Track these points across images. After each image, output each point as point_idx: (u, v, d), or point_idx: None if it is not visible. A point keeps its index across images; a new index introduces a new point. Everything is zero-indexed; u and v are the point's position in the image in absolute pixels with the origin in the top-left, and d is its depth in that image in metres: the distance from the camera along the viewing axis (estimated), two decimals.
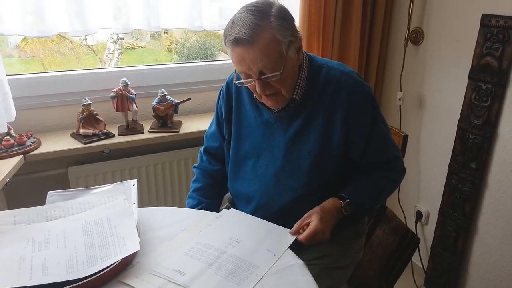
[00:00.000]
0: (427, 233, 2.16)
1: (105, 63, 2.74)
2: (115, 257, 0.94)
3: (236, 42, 1.04)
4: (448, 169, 1.92)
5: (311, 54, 1.23)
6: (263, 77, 1.08)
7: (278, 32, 1.04)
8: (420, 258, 2.17)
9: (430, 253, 2.10)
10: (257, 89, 1.10)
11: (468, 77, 1.76)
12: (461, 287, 2.00)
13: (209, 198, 1.37)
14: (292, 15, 1.12)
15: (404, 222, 1.68)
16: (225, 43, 1.09)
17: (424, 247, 2.17)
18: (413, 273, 2.18)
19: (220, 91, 1.35)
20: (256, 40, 1.02)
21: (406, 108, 2.14)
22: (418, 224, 2.20)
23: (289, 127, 1.20)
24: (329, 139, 1.17)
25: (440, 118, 1.98)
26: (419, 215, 2.19)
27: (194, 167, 1.46)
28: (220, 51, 3.32)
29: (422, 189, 2.17)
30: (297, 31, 1.11)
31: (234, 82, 1.18)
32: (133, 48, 3.19)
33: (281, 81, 1.09)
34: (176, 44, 3.25)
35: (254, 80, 1.09)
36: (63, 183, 1.82)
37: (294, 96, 1.17)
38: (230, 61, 2.17)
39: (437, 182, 2.03)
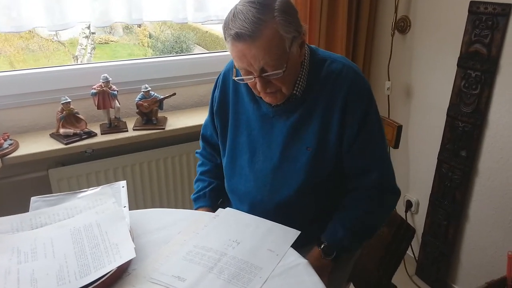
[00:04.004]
0: (417, 222, 2.17)
1: (77, 59, 2.64)
2: (110, 265, 0.89)
3: (238, 37, 0.98)
4: (438, 158, 1.92)
5: (313, 46, 1.18)
6: (264, 74, 1.02)
7: (281, 27, 0.99)
8: (411, 247, 2.17)
9: (421, 242, 2.11)
10: (258, 86, 1.05)
11: (457, 65, 1.75)
12: (453, 274, 2.02)
13: (218, 179, 1.36)
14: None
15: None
16: (224, 37, 1.03)
17: (415, 236, 2.17)
18: (404, 263, 2.19)
19: (216, 80, 1.30)
20: (259, 36, 0.97)
21: (394, 98, 2.13)
22: (408, 213, 2.21)
23: (287, 122, 1.15)
24: (327, 134, 1.13)
25: (429, 107, 1.97)
26: (409, 205, 2.19)
27: (196, 152, 1.45)
28: (196, 45, 3.24)
29: (412, 178, 2.17)
30: (301, 25, 1.06)
31: (233, 78, 1.13)
32: (105, 42, 3.08)
33: (283, 79, 1.04)
34: (150, 38, 3.15)
35: (254, 77, 1.04)
36: (44, 186, 1.73)
37: (294, 91, 1.12)
38: (216, 54, 2.14)
39: (426, 171, 2.03)
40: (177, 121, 1.88)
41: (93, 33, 2.71)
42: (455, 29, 1.75)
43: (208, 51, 2.79)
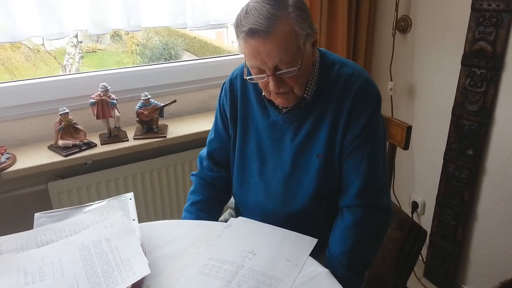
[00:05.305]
0: (424, 223, 2.14)
1: (65, 68, 2.60)
2: (123, 283, 0.85)
3: (251, 33, 0.94)
4: (444, 158, 1.90)
5: (322, 49, 1.15)
6: (278, 72, 0.98)
7: (296, 23, 0.95)
8: None
9: (428, 243, 2.08)
10: (271, 85, 1.00)
11: (461, 63, 1.73)
12: (462, 274, 1.99)
13: (209, 212, 1.26)
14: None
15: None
16: (236, 35, 0.99)
17: None
18: None
19: (222, 87, 1.24)
20: (274, 31, 0.93)
21: (397, 98, 2.11)
22: (414, 214, 2.18)
23: (298, 129, 1.11)
24: (335, 139, 1.09)
25: (433, 106, 1.95)
26: (414, 206, 2.17)
27: (192, 175, 1.34)
28: (184, 51, 3.20)
29: (417, 179, 2.15)
30: (313, 23, 1.02)
31: (244, 77, 1.07)
32: (93, 51, 3.04)
33: (296, 77, 1.00)
34: (138, 45, 3.11)
35: (267, 76, 1.00)
36: (43, 200, 1.67)
37: (305, 95, 1.08)
38: (217, 59, 2.10)
39: (432, 171, 2.01)
40: (178, 129, 1.84)
41: (80, 42, 2.67)
42: (458, 27, 1.74)
43: (197, 57, 2.75)
